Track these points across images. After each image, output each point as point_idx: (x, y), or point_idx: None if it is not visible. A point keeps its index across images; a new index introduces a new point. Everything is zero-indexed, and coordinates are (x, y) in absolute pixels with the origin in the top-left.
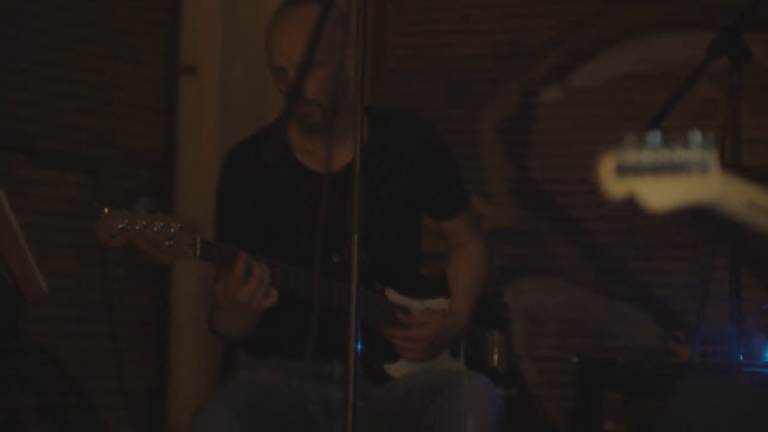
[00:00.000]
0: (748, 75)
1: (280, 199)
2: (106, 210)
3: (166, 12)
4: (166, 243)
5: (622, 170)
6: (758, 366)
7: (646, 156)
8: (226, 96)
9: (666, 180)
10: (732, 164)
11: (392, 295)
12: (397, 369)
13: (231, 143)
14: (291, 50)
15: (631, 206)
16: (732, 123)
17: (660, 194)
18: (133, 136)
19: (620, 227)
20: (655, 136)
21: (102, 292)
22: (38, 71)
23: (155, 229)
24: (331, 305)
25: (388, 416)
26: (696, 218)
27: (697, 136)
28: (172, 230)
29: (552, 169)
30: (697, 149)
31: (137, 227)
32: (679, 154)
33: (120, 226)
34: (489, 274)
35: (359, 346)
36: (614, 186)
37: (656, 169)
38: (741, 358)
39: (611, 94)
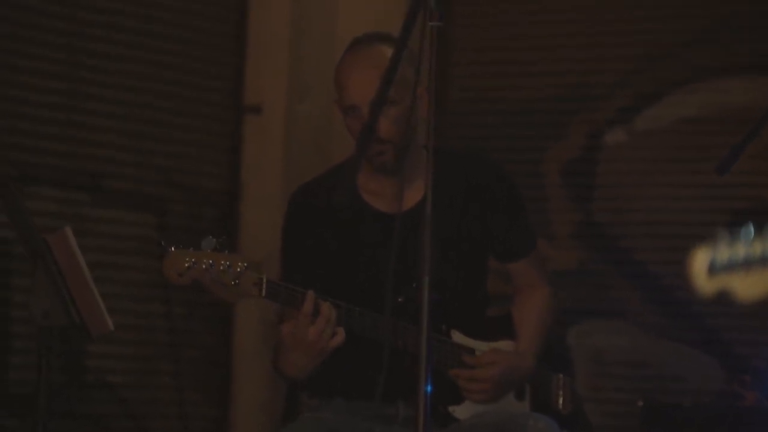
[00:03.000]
0: None
1: (346, 240)
2: (173, 248)
3: (232, 51)
4: (232, 282)
5: (715, 268)
6: None
7: (738, 251)
8: (290, 135)
9: (756, 273)
10: None
11: (457, 336)
12: (462, 411)
13: (295, 182)
14: (364, 88)
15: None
16: None
17: (752, 287)
18: (198, 176)
19: (685, 270)
20: (747, 231)
21: (165, 331)
22: (107, 110)
23: (221, 268)
24: (396, 346)
25: None
26: None
27: None
28: (238, 269)
29: (616, 211)
30: None
31: (203, 266)
32: None
33: (186, 264)
34: (554, 316)
35: (429, 389)
36: (707, 284)
37: (745, 264)
38: None
39: (676, 137)
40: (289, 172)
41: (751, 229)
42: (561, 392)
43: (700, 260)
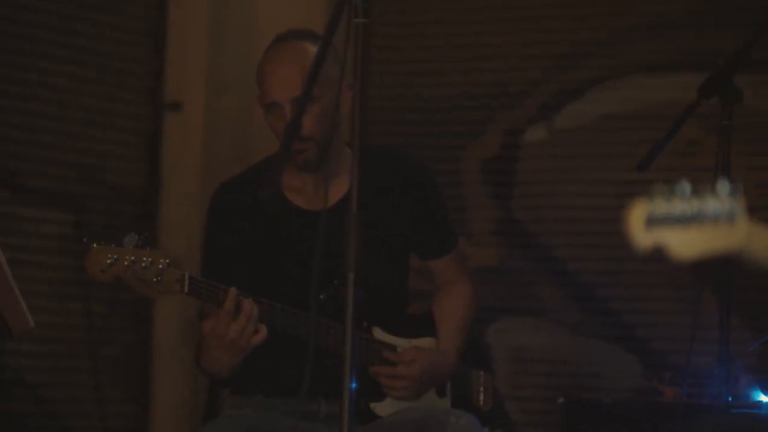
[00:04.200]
0: (736, 116)
1: (268, 237)
2: (95, 245)
3: (152, 48)
4: (154, 279)
5: (652, 221)
6: (746, 407)
7: (675, 206)
8: (210, 132)
9: (694, 230)
10: None
11: (379, 333)
12: (383, 407)
13: (215, 179)
14: (286, 85)
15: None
16: (723, 164)
17: (688, 244)
18: (117, 173)
19: (605, 267)
20: (684, 187)
21: (84, 329)
22: (23, 108)
23: (143, 264)
24: (318, 343)
25: None
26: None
27: (725, 186)
28: (160, 266)
29: (536, 209)
30: (725, 198)
31: (125, 262)
32: (708, 204)
33: (108, 261)
34: (475, 313)
35: (354, 385)
36: (643, 237)
37: (685, 220)
38: (729, 399)
39: (597, 134)
40: (209, 169)
41: (688, 185)
42: (482, 389)
43: (637, 214)
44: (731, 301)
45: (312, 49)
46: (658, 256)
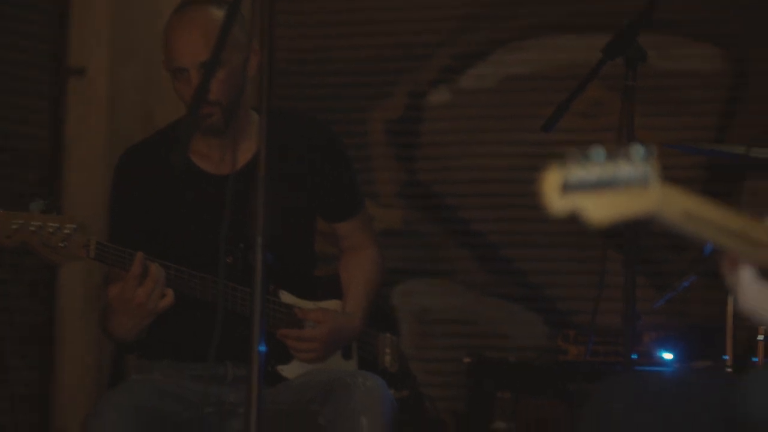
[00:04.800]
0: (640, 76)
1: (175, 202)
2: (0, 210)
3: (54, 15)
4: (61, 244)
5: (567, 187)
6: (650, 365)
7: (590, 172)
8: (114, 98)
9: (608, 195)
10: None
11: (285, 296)
12: (290, 370)
13: (119, 145)
14: (193, 50)
15: (521, 206)
16: (627, 124)
17: (602, 209)
18: (21, 138)
19: (510, 228)
20: (598, 152)
21: None
22: None
23: (50, 230)
24: (225, 307)
25: (282, 417)
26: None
27: (639, 150)
28: (66, 231)
29: (441, 170)
30: (638, 163)
31: (32, 228)
32: (622, 169)
33: (14, 226)
34: (381, 276)
35: (263, 348)
36: (558, 203)
37: (599, 185)
38: (634, 357)
39: (501, 96)
40: (113, 134)
41: (602, 150)
42: (388, 351)
43: (552, 179)
44: (636, 260)
45: (217, 13)
46: (563, 217)
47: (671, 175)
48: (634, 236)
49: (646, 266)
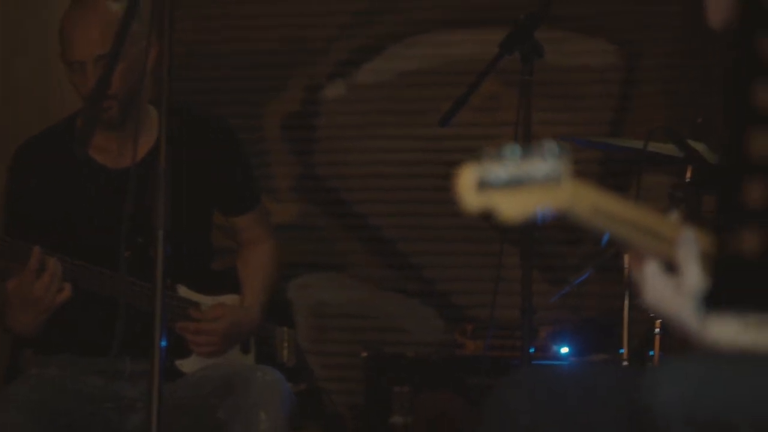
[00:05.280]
0: (536, 71)
1: (72, 196)
2: None
3: None
4: None
5: (481, 184)
6: (547, 359)
7: (504, 169)
8: (6, 91)
9: (522, 192)
10: None
11: (183, 290)
12: (188, 364)
13: (13, 138)
14: (90, 43)
15: (417, 201)
16: (524, 119)
17: (516, 206)
18: None
19: (406, 222)
20: (513, 149)
21: None
22: None
23: None
24: (120, 300)
25: (181, 412)
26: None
27: (552, 147)
28: None
29: (337, 165)
30: (551, 160)
31: None
32: (535, 166)
33: None
34: (279, 270)
35: (164, 343)
36: (473, 200)
37: (513, 182)
38: (532, 351)
39: (397, 90)
40: (6, 129)
41: (517, 148)
42: (285, 345)
43: (466, 177)
44: (533, 254)
45: (113, 6)
46: (457, 211)
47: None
48: (530, 230)
49: (541, 260)
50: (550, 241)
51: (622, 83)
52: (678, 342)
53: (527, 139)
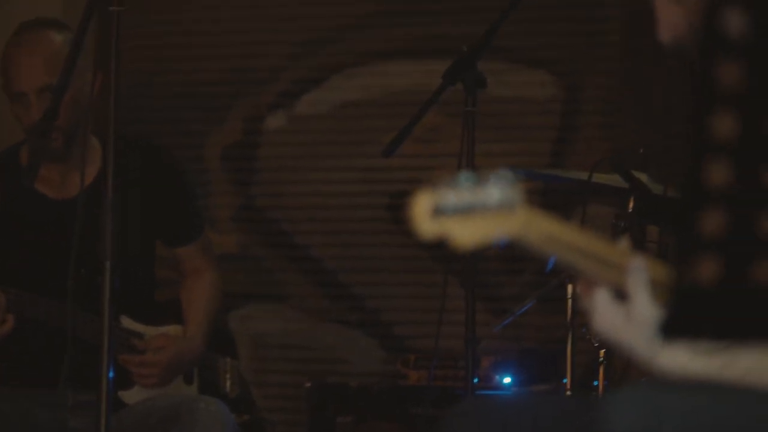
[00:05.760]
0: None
1: (15, 227)
2: None
3: None
4: None
5: (436, 211)
6: (491, 389)
7: (458, 196)
8: None
9: (476, 218)
10: None
11: (126, 321)
12: (131, 395)
13: None
14: (32, 75)
15: (357, 232)
16: (467, 150)
17: (470, 233)
18: None
19: (347, 253)
20: (467, 176)
21: None
22: None
23: None
24: (68, 332)
25: None
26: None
27: (506, 174)
28: None
29: (278, 196)
30: (505, 187)
31: None
32: (489, 193)
33: None
34: (221, 300)
35: (111, 374)
36: (427, 227)
37: (468, 209)
38: (476, 381)
39: (338, 122)
40: None
41: (471, 175)
42: (228, 376)
43: (421, 204)
44: (475, 284)
45: (57, 37)
46: (399, 242)
47: None
48: (473, 261)
49: (482, 291)
50: (491, 271)
51: (563, 114)
52: (620, 371)
53: (470, 171)
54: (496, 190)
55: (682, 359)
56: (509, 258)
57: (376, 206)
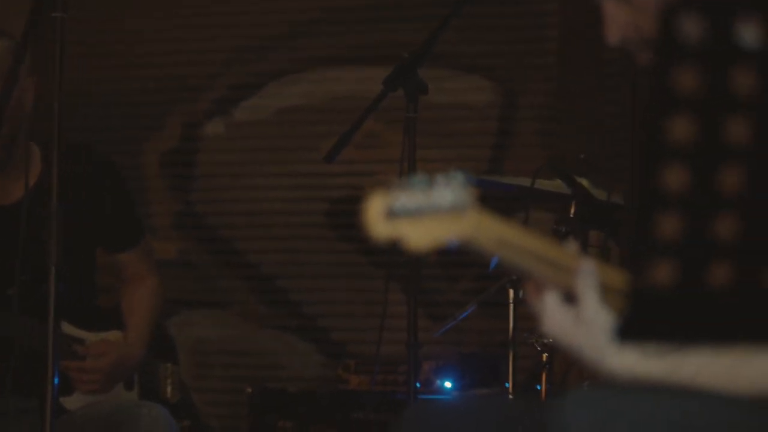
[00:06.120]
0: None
1: None
2: None
3: None
4: None
5: (389, 213)
6: (432, 393)
7: (411, 198)
8: None
9: (428, 220)
10: None
11: (67, 327)
12: (72, 402)
13: None
14: None
15: (296, 238)
16: (409, 156)
17: (422, 235)
18: None
19: (286, 259)
20: (420, 179)
21: None
22: None
23: None
24: (8, 338)
25: None
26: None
27: (458, 177)
28: None
29: (217, 202)
30: (457, 189)
31: None
32: (441, 195)
33: None
34: (162, 306)
35: (57, 381)
36: (381, 229)
37: (420, 211)
38: (418, 386)
39: (276, 128)
40: None
41: (424, 178)
42: (169, 381)
43: (375, 206)
44: (418, 290)
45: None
46: (338, 248)
47: None
48: (416, 266)
49: (422, 296)
50: (432, 277)
51: (501, 121)
52: (562, 375)
53: (422, 175)
54: (448, 192)
55: (631, 361)
56: (449, 263)
57: (315, 212)
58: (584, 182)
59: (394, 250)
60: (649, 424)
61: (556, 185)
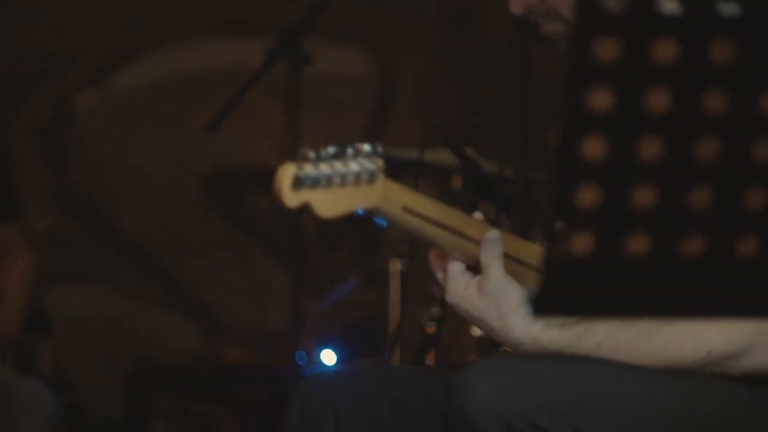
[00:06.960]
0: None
1: None
2: None
3: None
4: None
5: (298, 183)
6: (317, 368)
7: (320, 168)
8: None
9: (337, 190)
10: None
11: None
12: None
13: None
14: None
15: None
16: (290, 128)
17: (331, 204)
18: None
19: (164, 232)
20: (329, 149)
21: None
22: None
23: None
24: None
25: None
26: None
27: (366, 147)
28: None
29: (92, 174)
30: (365, 159)
31: None
32: (350, 165)
33: None
34: (37, 281)
35: None
36: (290, 198)
37: (329, 180)
38: (302, 361)
39: (152, 99)
40: None
41: (333, 148)
42: (44, 357)
43: (285, 175)
44: (303, 264)
45: None
46: (218, 222)
47: None
48: (299, 240)
49: (303, 269)
50: (313, 250)
51: (379, 92)
52: (448, 347)
53: (293, 149)
54: (357, 162)
55: (535, 331)
56: (330, 236)
57: (194, 185)
58: (471, 153)
59: (276, 223)
60: (554, 394)
61: (442, 157)
